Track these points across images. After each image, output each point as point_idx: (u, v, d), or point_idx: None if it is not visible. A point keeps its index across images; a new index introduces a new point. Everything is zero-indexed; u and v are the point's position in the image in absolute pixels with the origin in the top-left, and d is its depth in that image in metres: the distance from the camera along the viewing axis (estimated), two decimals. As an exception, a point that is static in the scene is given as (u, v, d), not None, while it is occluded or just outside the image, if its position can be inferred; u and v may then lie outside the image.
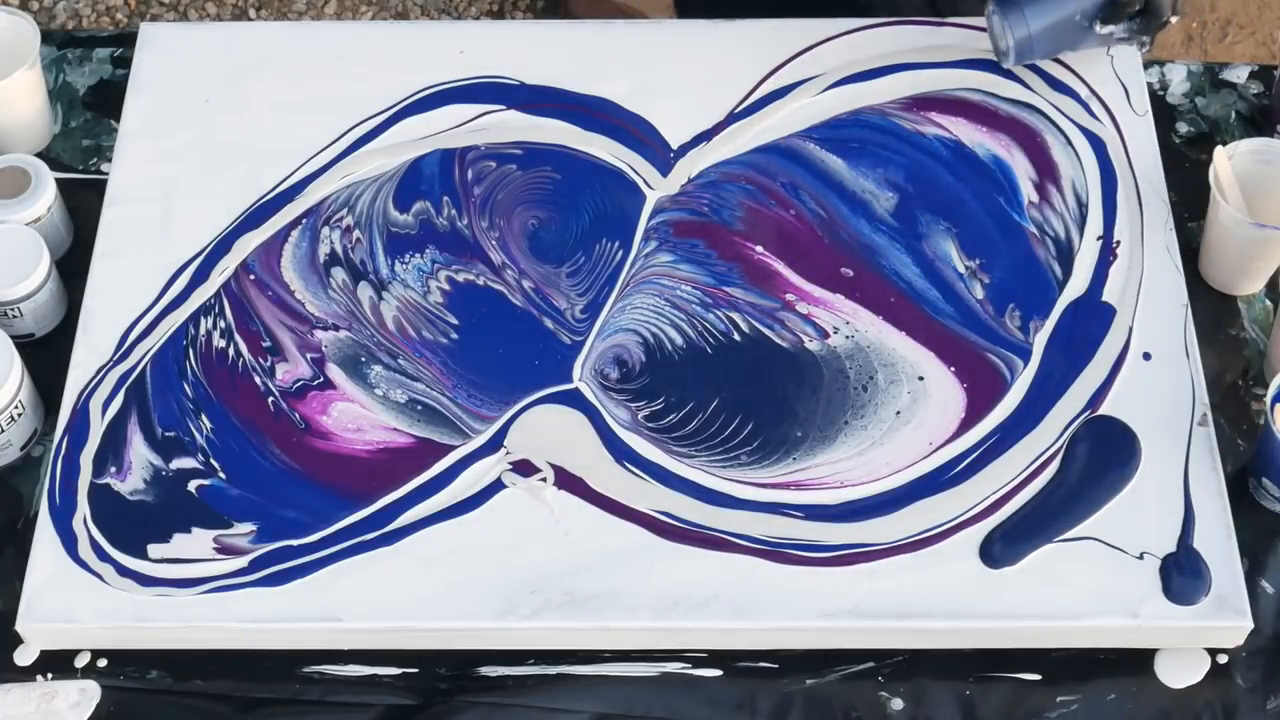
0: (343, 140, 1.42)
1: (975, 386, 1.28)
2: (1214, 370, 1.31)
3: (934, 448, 1.25)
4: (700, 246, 1.36)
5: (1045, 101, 1.43)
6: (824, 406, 1.27)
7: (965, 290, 1.33)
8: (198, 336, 1.31)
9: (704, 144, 1.41)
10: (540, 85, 1.45)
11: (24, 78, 1.39)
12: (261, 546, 1.21)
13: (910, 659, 1.20)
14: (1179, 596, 1.18)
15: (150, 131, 1.42)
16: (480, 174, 1.40)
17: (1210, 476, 1.23)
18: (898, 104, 1.44)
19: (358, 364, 1.30)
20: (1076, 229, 1.36)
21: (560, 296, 1.33)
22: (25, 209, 1.35)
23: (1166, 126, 1.45)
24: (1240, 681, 1.19)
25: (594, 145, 1.41)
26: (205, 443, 1.26)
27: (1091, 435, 1.25)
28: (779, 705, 1.18)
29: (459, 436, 1.26)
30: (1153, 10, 1.38)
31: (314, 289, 1.34)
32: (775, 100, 1.44)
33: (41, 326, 1.34)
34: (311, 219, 1.38)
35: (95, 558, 1.21)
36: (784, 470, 1.24)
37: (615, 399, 1.28)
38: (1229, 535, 1.20)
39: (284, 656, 1.20)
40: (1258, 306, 1.36)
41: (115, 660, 1.20)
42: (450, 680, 1.20)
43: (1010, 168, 1.40)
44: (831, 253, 1.35)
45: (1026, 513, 1.22)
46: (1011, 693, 1.19)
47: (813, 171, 1.40)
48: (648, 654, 1.20)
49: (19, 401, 1.26)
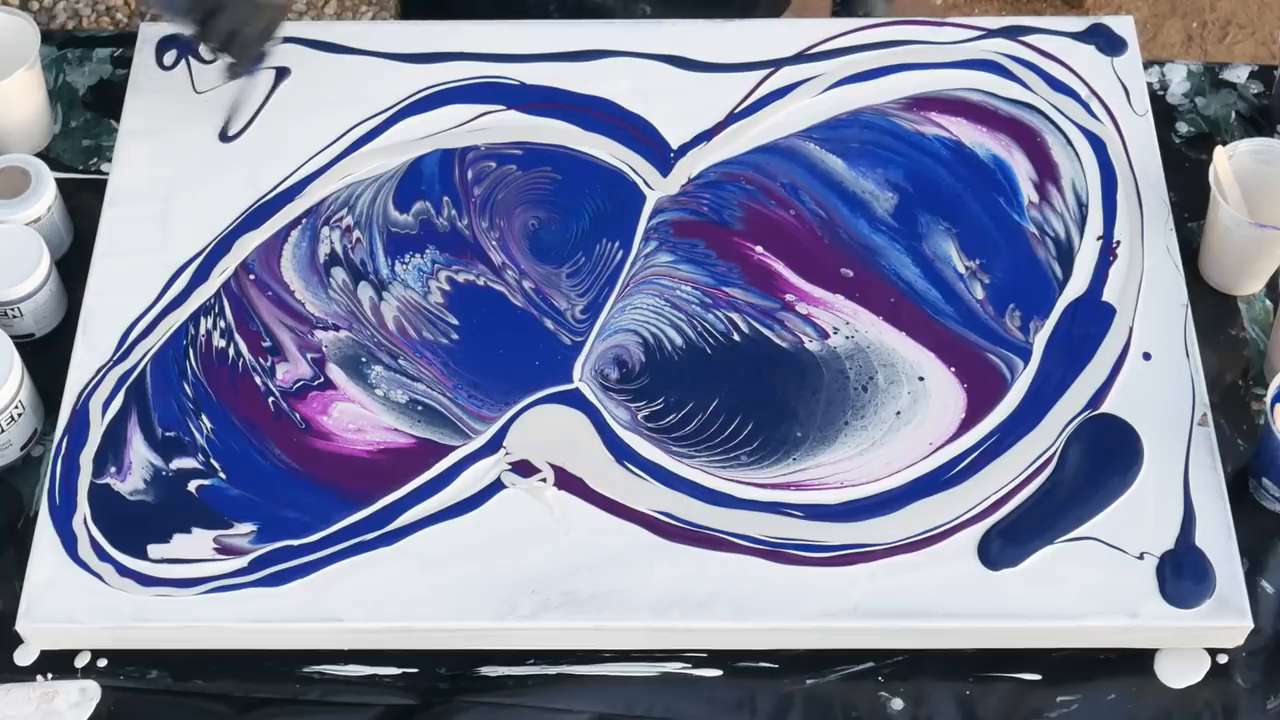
0: (343, 140, 1.42)
1: (975, 386, 1.28)
2: (1214, 370, 1.31)
3: (934, 448, 1.25)
4: (700, 247, 1.36)
5: (1045, 101, 1.43)
6: (824, 407, 1.27)
7: (965, 290, 1.33)
8: (198, 336, 1.31)
9: (704, 144, 1.41)
10: (540, 85, 1.45)
11: (24, 78, 1.39)
12: (262, 547, 1.21)
13: (910, 659, 1.20)
14: (1178, 600, 1.18)
15: (150, 131, 1.42)
16: (480, 174, 1.40)
17: (1210, 476, 1.23)
18: (898, 104, 1.44)
19: (358, 364, 1.30)
20: (1076, 229, 1.36)
21: (560, 297, 1.33)
22: (25, 209, 1.35)
23: (1166, 126, 1.45)
24: (1240, 681, 1.19)
25: (594, 145, 1.41)
26: (205, 443, 1.26)
27: (1093, 436, 1.25)
28: (779, 705, 1.18)
29: (459, 437, 1.26)
30: None
31: (314, 289, 1.34)
32: (775, 100, 1.44)
33: (41, 326, 1.34)
34: (311, 219, 1.38)
35: (95, 558, 1.21)
36: (784, 470, 1.24)
37: (615, 399, 1.28)
38: (1229, 535, 1.20)
39: (284, 656, 1.20)
40: (1258, 306, 1.36)
41: (115, 660, 1.20)
42: (450, 680, 1.20)
43: (1010, 168, 1.40)
44: (831, 253, 1.35)
45: (1026, 514, 1.22)
46: (1011, 693, 1.19)
47: (813, 172, 1.40)
48: (648, 654, 1.20)
49: (19, 401, 1.26)
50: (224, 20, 1.34)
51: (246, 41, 1.37)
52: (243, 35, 1.36)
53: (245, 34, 1.36)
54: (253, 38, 1.37)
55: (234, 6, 1.34)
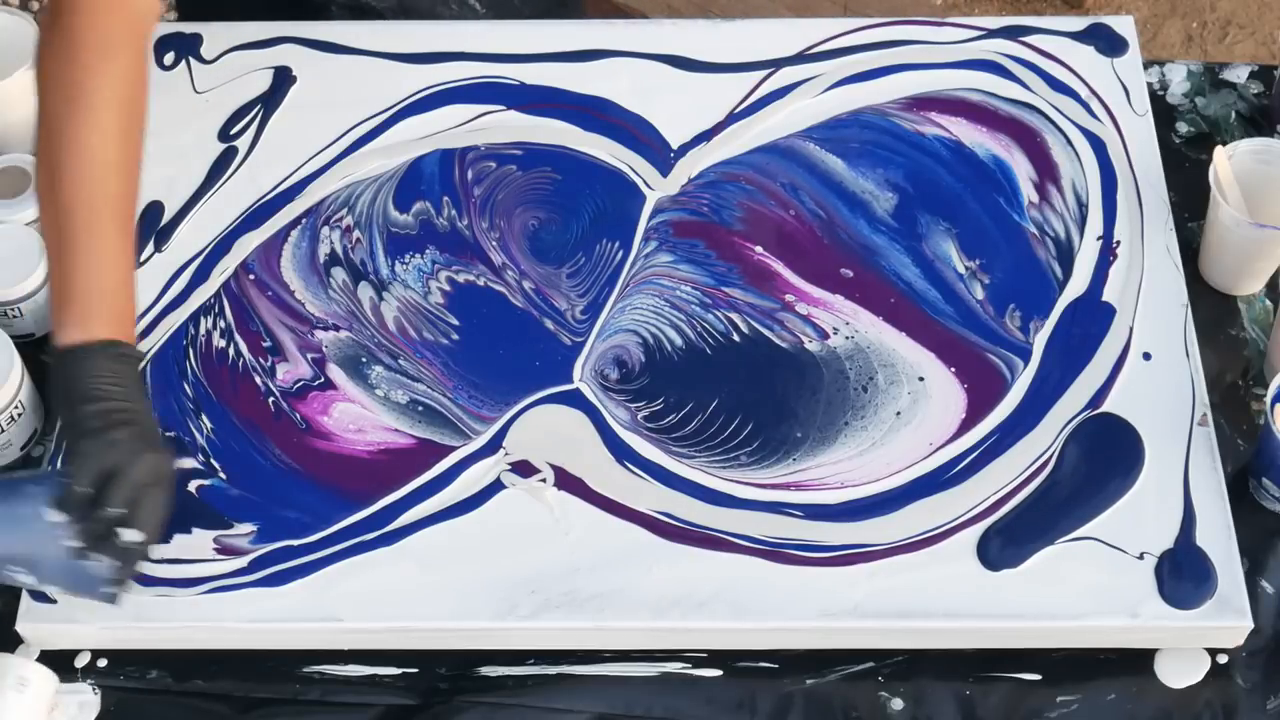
0: (343, 140, 1.42)
1: (975, 387, 1.28)
2: (1214, 370, 1.31)
3: (934, 448, 1.25)
4: (700, 247, 1.36)
5: (1045, 101, 1.43)
6: (824, 407, 1.27)
7: (965, 290, 1.33)
8: (198, 336, 1.31)
9: (704, 144, 1.42)
10: (540, 85, 1.45)
11: (24, 78, 1.39)
12: (262, 547, 1.21)
13: (910, 659, 1.20)
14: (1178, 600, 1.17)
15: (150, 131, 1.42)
16: (480, 174, 1.40)
17: (1210, 476, 1.23)
18: (898, 104, 1.44)
19: (358, 364, 1.30)
20: (1076, 229, 1.36)
21: (560, 297, 1.33)
22: (25, 209, 1.35)
23: (1166, 126, 1.45)
24: (1240, 681, 1.19)
25: (594, 145, 1.41)
26: (205, 443, 1.26)
27: (1093, 436, 1.25)
28: (779, 705, 1.18)
29: (459, 437, 1.26)
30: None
31: (314, 289, 1.34)
32: (775, 100, 1.44)
33: (41, 326, 1.34)
34: (311, 219, 1.38)
35: (95, 558, 1.21)
36: (784, 471, 1.24)
37: (615, 399, 1.28)
38: (1229, 535, 1.20)
39: (284, 656, 1.20)
40: (1258, 306, 1.36)
41: (115, 660, 1.20)
42: (450, 680, 1.20)
43: (1010, 168, 1.40)
44: (831, 253, 1.35)
45: (1026, 514, 1.22)
46: (1011, 693, 1.19)
47: (813, 172, 1.40)
48: (648, 654, 1.20)
49: (19, 401, 1.26)
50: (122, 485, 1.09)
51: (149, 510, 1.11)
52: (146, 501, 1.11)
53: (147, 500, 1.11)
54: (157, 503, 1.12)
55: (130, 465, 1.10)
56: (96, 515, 1.09)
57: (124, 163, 1.16)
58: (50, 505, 1.10)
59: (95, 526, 1.09)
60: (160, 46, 1.47)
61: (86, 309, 1.12)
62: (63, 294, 1.13)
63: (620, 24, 1.51)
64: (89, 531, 1.09)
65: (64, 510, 1.10)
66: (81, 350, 1.11)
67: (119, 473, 1.09)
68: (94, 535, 1.10)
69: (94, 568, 1.11)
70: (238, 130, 1.42)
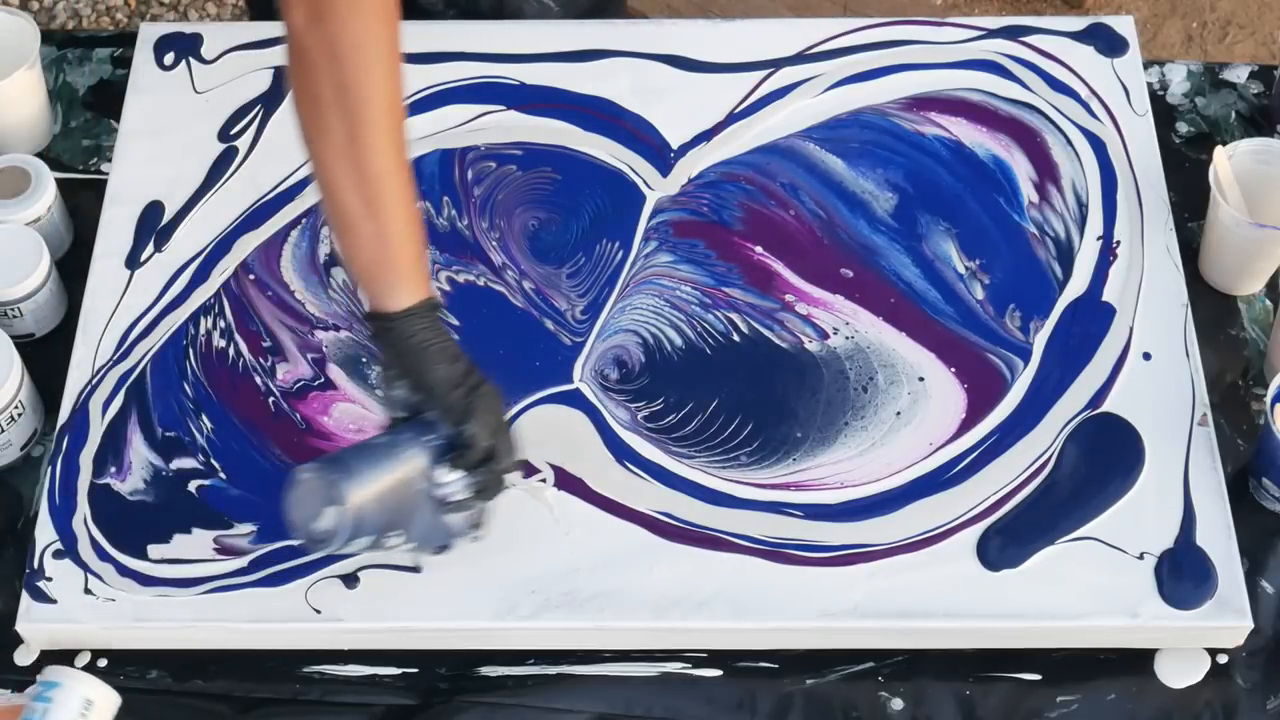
0: (343, 140, 1.41)
1: (975, 387, 1.28)
2: (1214, 370, 1.31)
3: (934, 448, 1.25)
4: (700, 247, 1.36)
5: (1045, 101, 1.43)
6: (824, 407, 1.27)
7: (965, 291, 1.33)
8: (198, 336, 1.31)
9: (704, 144, 1.41)
10: (540, 85, 1.45)
11: (24, 78, 1.39)
12: (261, 546, 1.21)
13: (910, 659, 1.20)
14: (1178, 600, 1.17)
15: (150, 131, 1.42)
16: (480, 174, 1.40)
17: (1210, 476, 1.23)
18: (898, 104, 1.44)
19: (358, 364, 1.30)
20: (1076, 229, 1.36)
21: (560, 297, 1.33)
22: (25, 209, 1.35)
23: (1166, 126, 1.45)
24: (1240, 681, 1.19)
25: (594, 145, 1.41)
26: (205, 443, 1.26)
27: (1093, 436, 1.25)
28: (779, 705, 1.18)
29: (459, 437, 1.26)
30: (496, 457, 1.12)
31: (314, 289, 1.34)
32: (775, 100, 1.44)
33: (41, 326, 1.34)
34: (311, 219, 1.38)
35: (95, 558, 1.21)
36: (784, 471, 1.24)
37: (615, 399, 1.28)
38: (1229, 535, 1.20)
39: (284, 656, 1.20)
40: (1258, 306, 1.36)
41: (115, 660, 1.20)
42: (450, 680, 1.20)
43: (1010, 168, 1.40)
44: (831, 253, 1.35)
45: (1025, 514, 1.22)
46: (1011, 693, 1.19)
47: (813, 172, 1.40)
48: (648, 654, 1.20)
49: (19, 401, 1.26)
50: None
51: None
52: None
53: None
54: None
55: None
56: (491, 468, 1.11)
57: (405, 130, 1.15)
58: (442, 464, 1.10)
59: (489, 479, 1.12)
60: (160, 46, 1.47)
61: (417, 270, 1.13)
62: (387, 257, 1.12)
63: (620, 24, 1.51)
64: (482, 485, 1.12)
65: (462, 467, 1.11)
66: (426, 309, 1.12)
67: (504, 425, 1.13)
68: (486, 487, 1.12)
69: (454, 520, 1.12)
70: (238, 130, 1.42)
